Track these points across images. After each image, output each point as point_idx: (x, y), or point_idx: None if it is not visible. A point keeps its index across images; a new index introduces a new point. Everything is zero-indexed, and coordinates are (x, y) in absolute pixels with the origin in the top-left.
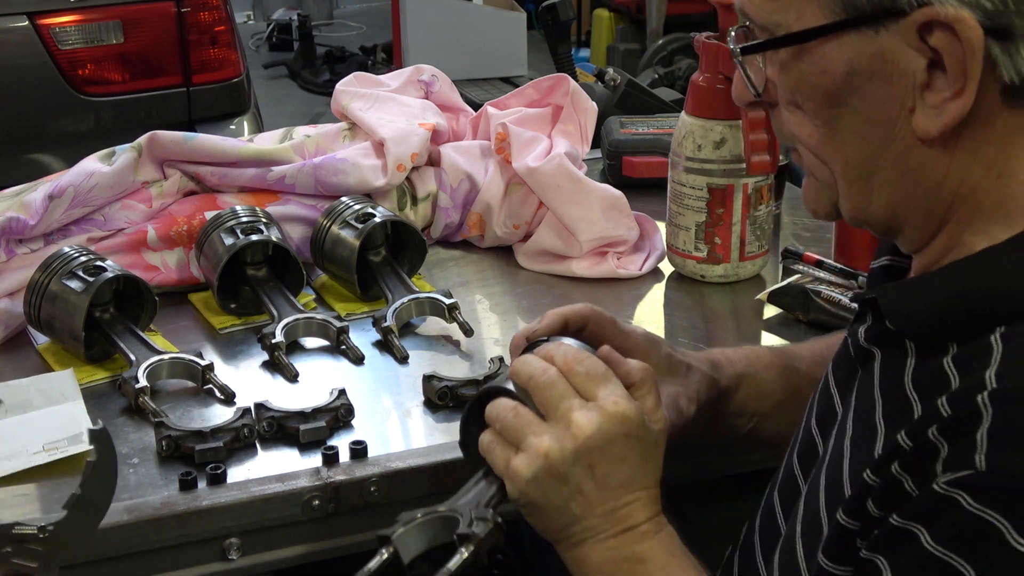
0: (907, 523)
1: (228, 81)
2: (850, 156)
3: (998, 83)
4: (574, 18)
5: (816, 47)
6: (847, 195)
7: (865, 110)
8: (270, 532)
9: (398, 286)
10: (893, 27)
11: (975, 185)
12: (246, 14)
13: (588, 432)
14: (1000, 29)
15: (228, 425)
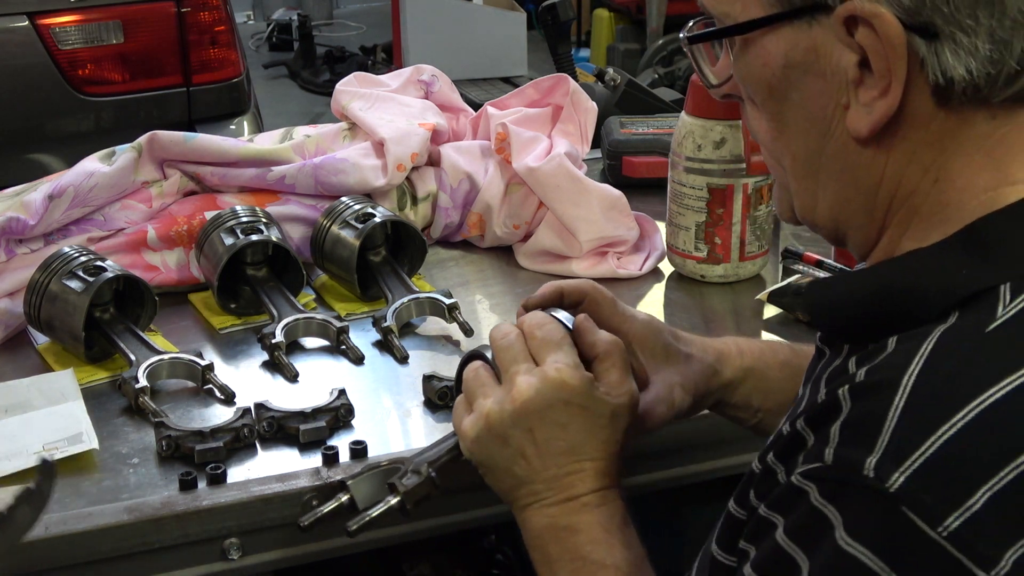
0: (770, 513)
1: (228, 81)
2: (796, 152)
3: (928, 84)
4: (574, 18)
5: (757, 39)
6: (796, 193)
7: (804, 105)
8: (270, 532)
9: (398, 286)
10: (825, 21)
11: (913, 189)
12: (246, 14)
13: (526, 395)
14: (923, 27)
15: (228, 425)
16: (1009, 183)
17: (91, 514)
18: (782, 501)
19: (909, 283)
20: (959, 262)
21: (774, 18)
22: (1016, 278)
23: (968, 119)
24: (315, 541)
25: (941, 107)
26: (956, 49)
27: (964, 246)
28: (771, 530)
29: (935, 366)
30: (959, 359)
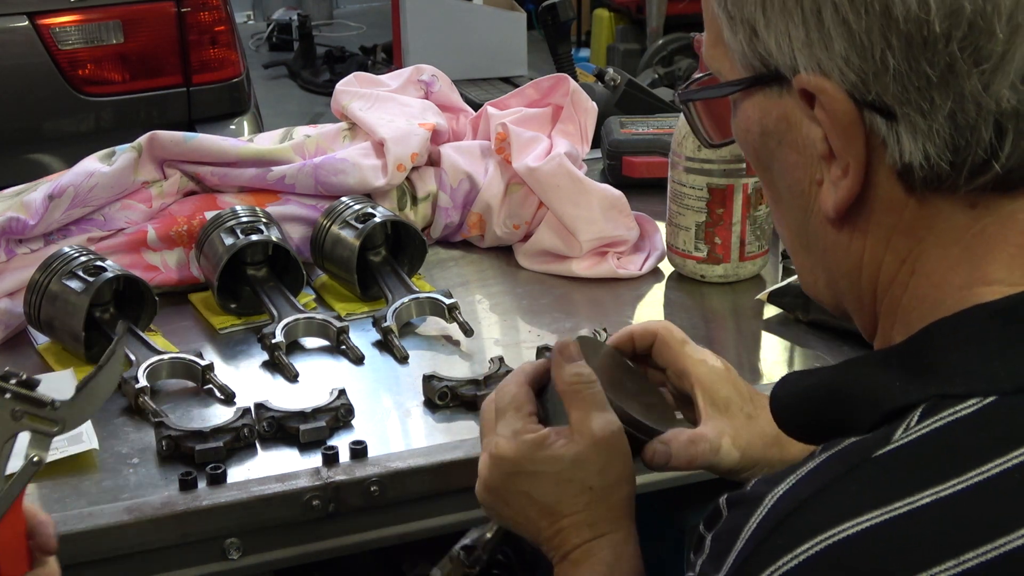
0: None
1: (228, 81)
2: (790, 225)
3: (893, 167)
4: (574, 18)
5: (740, 102)
6: (797, 267)
7: (785, 177)
8: (270, 532)
9: (398, 286)
10: (791, 91)
11: (891, 278)
12: (246, 14)
13: (485, 475)
14: (879, 106)
15: (228, 425)
16: (984, 283)
17: (91, 514)
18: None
19: (848, 390)
20: (898, 373)
21: (746, 82)
22: (935, 397)
23: (941, 208)
24: (315, 541)
25: (910, 194)
26: (913, 132)
27: (908, 355)
28: None
29: (801, 487)
30: (826, 482)
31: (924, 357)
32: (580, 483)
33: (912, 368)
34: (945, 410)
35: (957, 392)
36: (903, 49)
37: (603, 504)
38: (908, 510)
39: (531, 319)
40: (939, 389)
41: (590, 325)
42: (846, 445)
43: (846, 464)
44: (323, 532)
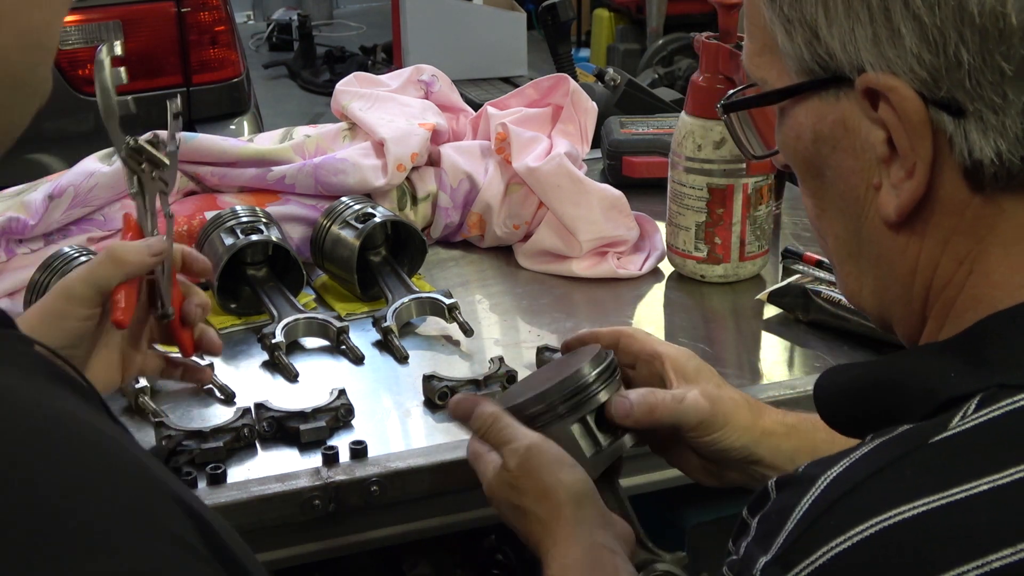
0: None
1: (228, 81)
2: (838, 233)
3: (960, 165)
4: (574, 18)
5: (790, 110)
6: (840, 276)
7: (837, 183)
8: (270, 532)
9: (398, 286)
10: (851, 93)
11: (947, 280)
12: (246, 14)
13: None
14: (948, 103)
15: (228, 425)
16: None
17: None
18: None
19: (900, 380)
20: (953, 364)
21: (800, 88)
22: (994, 387)
23: (1005, 207)
24: (315, 541)
25: (975, 192)
26: (984, 128)
27: (964, 346)
28: None
29: (855, 469)
30: (881, 466)
31: (981, 348)
32: (531, 501)
33: (968, 359)
34: (1003, 400)
35: (1015, 383)
36: (977, 44)
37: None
38: (964, 497)
39: (531, 319)
40: (997, 379)
41: (590, 325)
42: (901, 431)
43: (902, 448)
44: (323, 532)
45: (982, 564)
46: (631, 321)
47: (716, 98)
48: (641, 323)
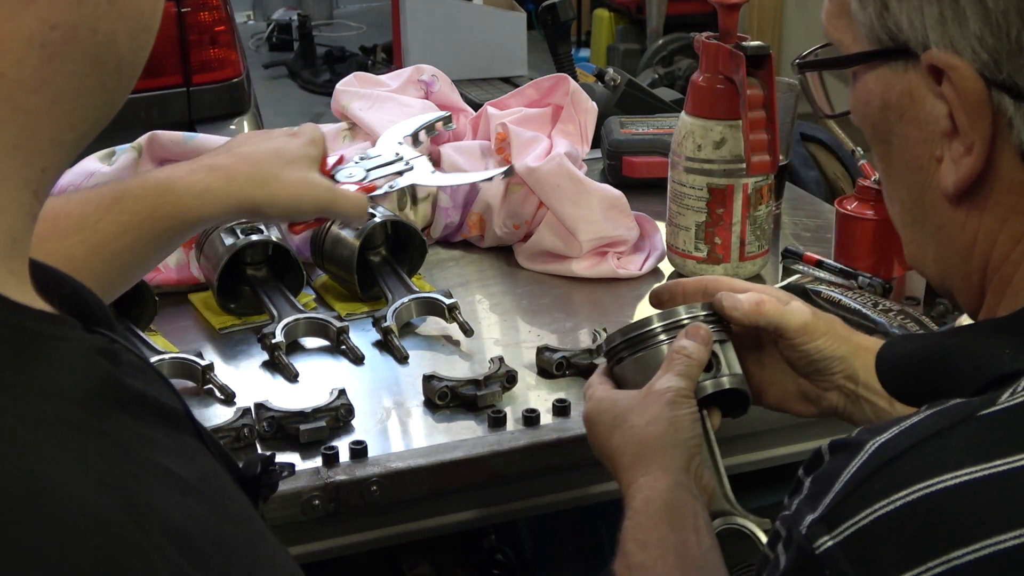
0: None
1: (228, 81)
2: (903, 200)
3: (1017, 148)
4: (574, 18)
5: (861, 75)
6: (905, 241)
7: (903, 152)
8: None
9: (398, 286)
10: (917, 66)
11: (1004, 257)
12: (246, 14)
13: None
14: (1008, 86)
15: (228, 425)
16: None
17: None
18: (771, 541)
19: (954, 356)
20: (1008, 342)
21: (871, 55)
22: None
23: None
24: (315, 541)
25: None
26: None
27: (1019, 325)
28: (765, 566)
29: (903, 437)
30: (928, 436)
31: None
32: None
33: (1022, 338)
34: None
35: None
36: None
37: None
38: (1007, 469)
39: (531, 319)
40: None
41: (590, 325)
42: (951, 404)
43: (949, 420)
44: (323, 532)
45: (1020, 535)
46: (631, 321)
47: (716, 98)
48: None
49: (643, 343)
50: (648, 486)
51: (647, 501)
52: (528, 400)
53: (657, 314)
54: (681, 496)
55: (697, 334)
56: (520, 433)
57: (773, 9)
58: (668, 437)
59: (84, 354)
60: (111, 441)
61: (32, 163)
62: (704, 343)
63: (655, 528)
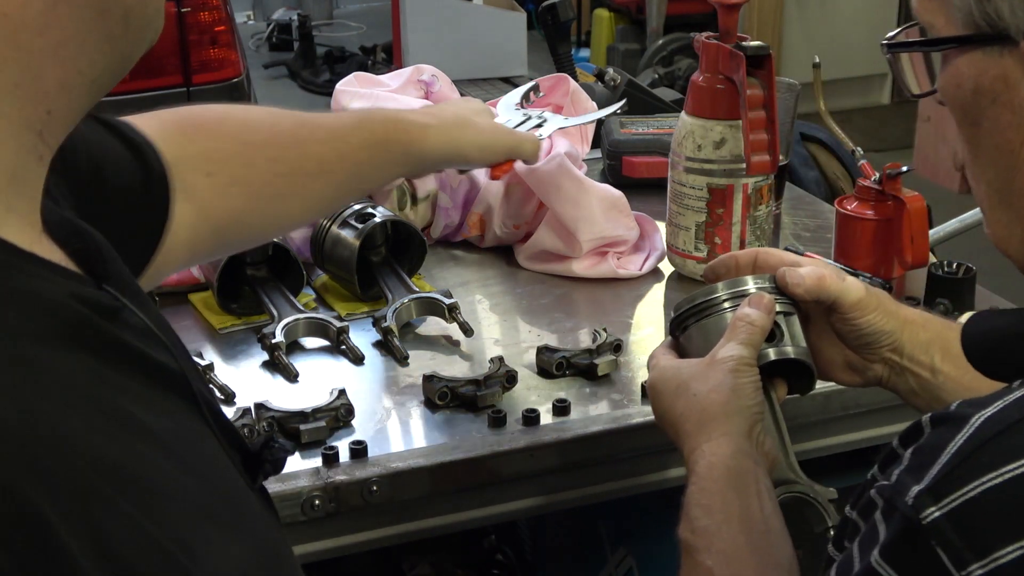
0: (857, 518)
1: (228, 81)
2: (990, 180)
3: None
4: (574, 18)
5: (953, 58)
6: (989, 221)
7: (993, 135)
8: None
9: (398, 286)
10: (1016, 52)
11: None
12: (246, 14)
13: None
14: None
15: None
16: None
17: None
18: (864, 510)
19: None
20: None
21: (965, 39)
22: None
23: None
24: (315, 541)
25: None
26: None
27: None
28: (855, 534)
29: (1010, 411)
30: None
31: None
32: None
33: None
34: None
35: None
36: None
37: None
38: None
39: (531, 319)
40: None
41: (590, 325)
42: None
43: None
44: (323, 532)
45: None
46: (631, 321)
47: (716, 98)
48: (641, 323)
49: (708, 310)
50: (711, 452)
51: (710, 467)
52: (528, 400)
53: (723, 282)
54: (743, 462)
55: (760, 303)
56: (520, 433)
57: (773, 9)
58: (730, 404)
59: (55, 297)
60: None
61: (37, 104)
62: (767, 311)
63: (719, 493)
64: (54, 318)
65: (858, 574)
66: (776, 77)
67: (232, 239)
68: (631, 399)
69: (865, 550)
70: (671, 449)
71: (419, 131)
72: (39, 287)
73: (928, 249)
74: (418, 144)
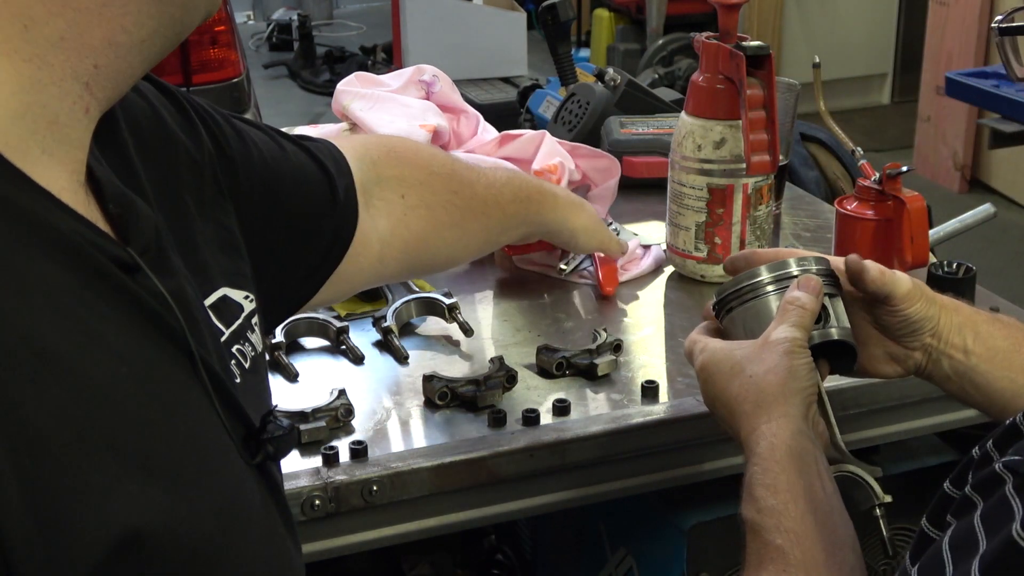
0: (973, 493)
1: (228, 81)
2: None
3: None
4: (574, 18)
5: None
6: None
7: None
8: None
9: (398, 286)
10: None
11: None
12: (246, 14)
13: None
14: None
15: None
16: None
17: None
18: (984, 485)
19: None
20: None
21: None
22: None
23: None
24: (315, 541)
25: None
26: None
27: None
28: (971, 510)
29: None
30: None
31: None
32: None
33: None
34: None
35: None
36: None
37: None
38: None
39: (531, 319)
40: None
41: (590, 325)
42: None
43: None
44: (323, 532)
45: None
46: (630, 321)
47: (716, 98)
48: (641, 323)
49: (753, 294)
50: (772, 433)
51: (772, 447)
52: (528, 400)
53: (767, 266)
54: (803, 443)
55: (809, 285)
56: (520, 433)
57: (773, 9)
58: (788, 385)
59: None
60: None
61: (83, 57)
62: (816, 294)
63: (783, 472)
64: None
65: (996, 550)
66: (776, 77)
67: (415, 260)
68: (631, 399)
69: (997, 525)
70: (671, 449)
71: (551, 198)
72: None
73: (928, 249)
74: (547, 210)
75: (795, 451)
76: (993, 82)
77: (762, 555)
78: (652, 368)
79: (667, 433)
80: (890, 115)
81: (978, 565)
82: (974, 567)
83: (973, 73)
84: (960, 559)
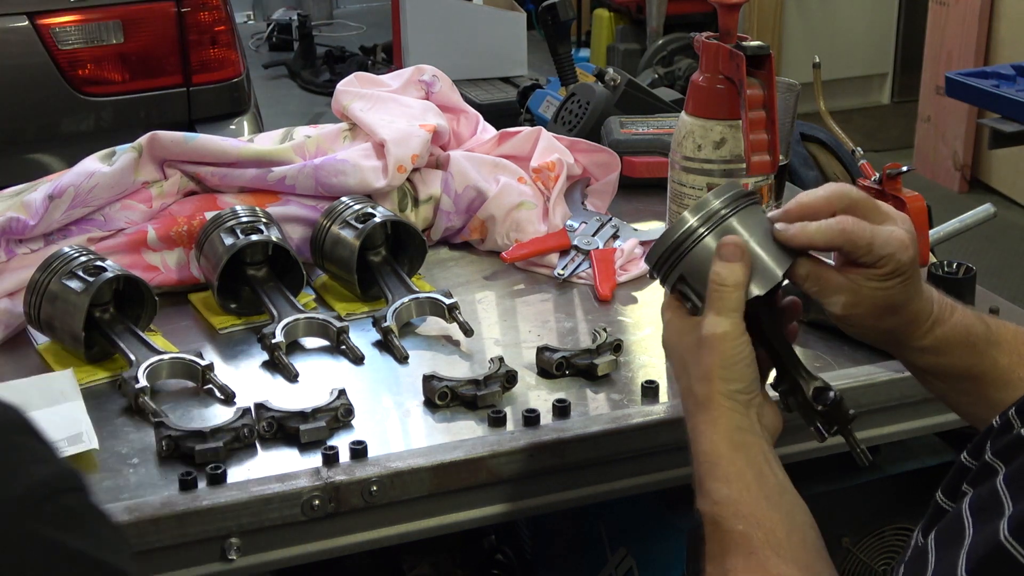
0: (995, 459)
1: (228, 81)
2: None
3: None
4: (574, 18)
5: None
6: None
7: None
8: (270, 532)
9: (398, 286)
10: None
11: None
12: (246, 14)
13: None
14: None
15: (228, 425)
16: None
17: None
18: (1007, 450)
19: None
20: None
21: None
22: None
23: None
24: (315, 541)
25: None
26: None
27: None
28: (992, 475)
29: None
30: None
31: None
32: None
33: None
34: None
35: None
36: None
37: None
38: None
39: (531, 319)
40: None
41: (590, 325)
42: None
43: None
44: (323, 532)
45: None
46: (630, 321)
47: (716, 98)
48: (640, 323)
49: (684, 247)
50: (712, 431)
51: (713, 444)
52: (528, 400)
53: (689, 209)
54: (745, 437)
55: (728, 250)
56: (520, 433)
57: (773, 9)
58: (722, 387)
59: None
60: None
61: None
62: (738, 258)
63: (731, 464)
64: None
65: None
66: (776, 77)
67: None
68: (631, 399)
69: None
70: (671, 449)
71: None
72: None
73: (928, 249)
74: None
75: (738, 444)
76: (993, 82)
77: (725, 543)
78: (652, 368)
79: (667, 433)
80: (890, 115)
81: (1007, 524)
82: (1002, 526)
83: (973, 73)
84: (983, 521)
